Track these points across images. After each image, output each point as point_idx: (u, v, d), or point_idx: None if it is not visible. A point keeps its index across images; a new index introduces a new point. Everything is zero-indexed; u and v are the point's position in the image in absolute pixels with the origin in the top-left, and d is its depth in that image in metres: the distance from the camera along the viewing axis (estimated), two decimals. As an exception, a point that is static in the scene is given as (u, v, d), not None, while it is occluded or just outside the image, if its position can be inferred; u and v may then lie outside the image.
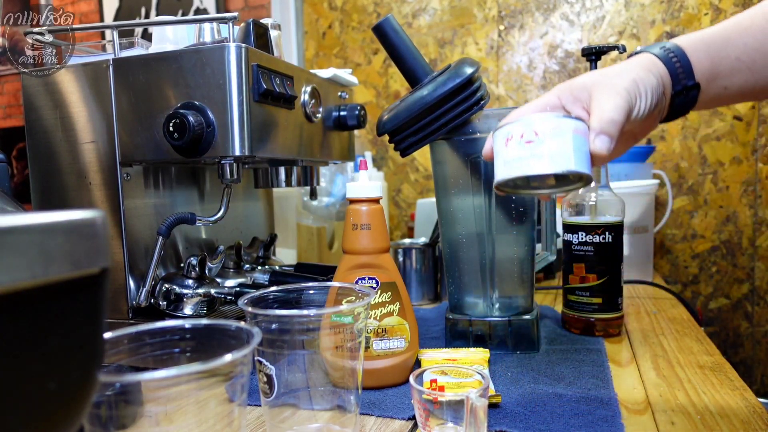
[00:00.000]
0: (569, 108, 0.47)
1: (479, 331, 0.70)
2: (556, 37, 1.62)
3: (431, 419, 0.44)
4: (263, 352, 0.43)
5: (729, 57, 0.46)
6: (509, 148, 0.44)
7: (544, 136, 0.42)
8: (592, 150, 0.43)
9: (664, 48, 0.47)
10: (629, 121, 0.44)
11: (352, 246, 0.58)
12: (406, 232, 1.74)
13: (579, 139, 0.43)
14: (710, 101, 0.49)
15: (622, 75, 0.45)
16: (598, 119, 0.43)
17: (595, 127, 0.43)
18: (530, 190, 0.50)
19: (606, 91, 0.44)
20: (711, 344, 0.71)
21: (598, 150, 0.43)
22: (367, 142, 1.84)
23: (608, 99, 0.44)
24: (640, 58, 0.48)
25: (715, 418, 0.50)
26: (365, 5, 1.83)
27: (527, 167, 0.43)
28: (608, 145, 0.43)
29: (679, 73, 0.46)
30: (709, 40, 0.47)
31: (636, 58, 0.48)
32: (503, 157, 0.45)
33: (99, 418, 0.32)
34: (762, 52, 0.46)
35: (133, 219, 0.69)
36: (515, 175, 0.44)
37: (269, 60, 0.65)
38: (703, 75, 0.47)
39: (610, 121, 0.43)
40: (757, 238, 1.48)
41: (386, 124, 0.65)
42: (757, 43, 0.46)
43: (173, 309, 0.69)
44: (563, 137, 0.42)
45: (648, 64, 0.46)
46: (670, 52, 0.47)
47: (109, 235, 0.68)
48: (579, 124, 0.43)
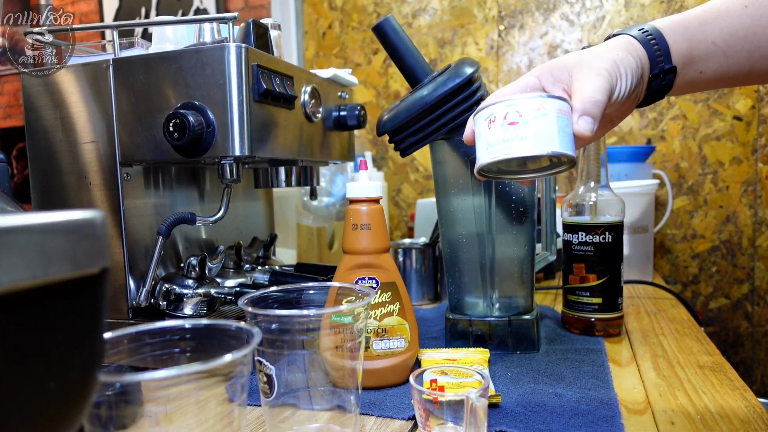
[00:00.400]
0: (549, 89, 0.46)
1: (479, 331, 0.70)
2: (556, 37, 1.62)
3: (431, 419, 0.44)
4: (263, 352, 0.43)
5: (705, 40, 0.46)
6: (492, 131, 0.43)
7: (528, 117, 0.41)
8: (575, 131, 0.42)
9: (643, 30, 0.47)
10: (610, 103, 0.43)
11: (352, 246, 0.58)
12: (406, 232, 1.74)
13: (563, 120, 0.42)
14: (685, 86, 0.48)
15: (603, 56, 0.44)
16: (581, 99, 0.42)
17: (578, 107, 0.42)
18: (513, 175, 0.49)
19: (587, 72, 0.43)
20: (711, 344, 0.71)
21: (582, 131, 0.42)
22: (367, 142, 1.84)
23: (590, 79, 0.43)
24: (618, 40, 0.47)
25: (715, 418, 0.50)
26: (365, 5, 1.83)
27: (511, 149, 0.41)
28: (592, 126, 0.42)
29: (657, 55, 0.46)
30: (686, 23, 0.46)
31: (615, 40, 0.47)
32: (486, 140, 0.43)
33: (99, 418, 0.32)
34: (737, 36, 0.45)
35: (133, 219, 0.69)
36: (499, 158, 0.42)
37: (269, 60, 0.65)
38: (680, 58, 0.46)
39: (593, 101, 0.42)
40: (757, 238, 1.48)
41: (386, 124, 0.65)
42: (731, 27, 0.45)
43: (173, 309, 0.69)
44: (547, 117, 0.41)
45: (627, 46, 0.46)
46: (648, 34, 0.46)
47: (109, 235, 0.68)
48: (562, 104, 0.42)
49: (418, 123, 0.64)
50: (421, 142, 0.66)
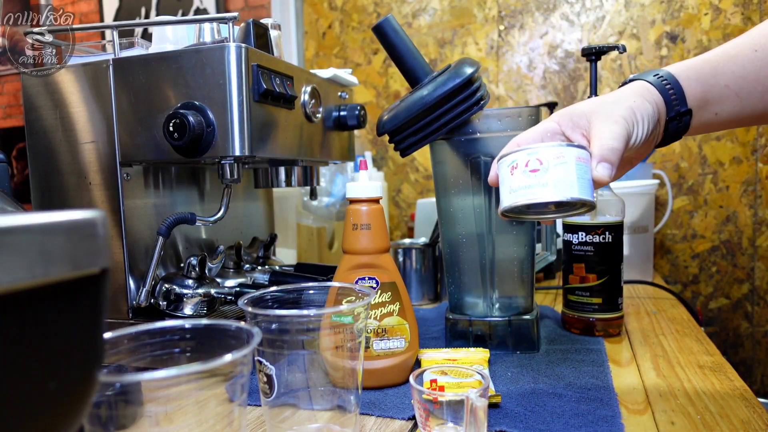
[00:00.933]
0: (569, 134, 0.48)
1: (479, 331, 0.70)
2: (556, 37, 1.62)
3: (431, 419, 0.44)
4: (263, 352, 0.43)
5: (718, 84, 0.48)
6: (515, 177, 0.45)
7: (548, 164, 0.44)
8: (594, 176, 0.44)
9: (658, 75, 0.49)
10: (627, 147, 0.45)
11: (352, 246, 0.58)
12: (406, 232, 1.74)
13: (581, 167, 0.44)
14: (702, 127, 0.50)
15: (620, 102, 0.46)
16: (599, 146, 0.44)
17: (596, 154, 0.44)
18: (535, 215, 0.51)
19: (605, 119, 0.46)
20: (711, 344, 0.71)
21: (600, 176, 0.44)
22: (367, 142, 1.84)
23: (607, 127, 0.45)
24: (635, 86, 0.49)
25: (715, 418, 0.50)
26: (365, 5, 1.83)
27: (533, 195, 0.44)
28: (610, 172, 0.44)
29: (673, 99, 0.48)
30: (699, 68, 0.49)
31: (631, 86, 0.49)
32: (509, 185, 0.46)
33: (99, 418, 0.32)
34: (748, 79, 0.47)
35: (133, 219, 0.69)
36: (521, 203, 0.45)
37: (269, 60, 0.65)
38: (695, 101, 0.48)
39: (611, 148, 0.44)
40: (757, 238, 1.48)
41: (386, 124, 0.65)
42: (743, 71, 0.47)
43: (173, 309, 0.69)
44: (567, 165, 0.43)
45: (643, 92, 0.48)
46: (663, 79, 0.48)
47: (109, 235, 0.68)
48: (581, 152, 0.44)
49: (418, 123, 0.64)
50: (421, 142, 0.66)
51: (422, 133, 0.65)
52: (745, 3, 1.43)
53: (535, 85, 1.66)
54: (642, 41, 1.54)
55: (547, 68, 1.64)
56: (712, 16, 1.46)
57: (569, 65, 1.62)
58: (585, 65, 1.57)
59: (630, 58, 1.55)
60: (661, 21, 1.51)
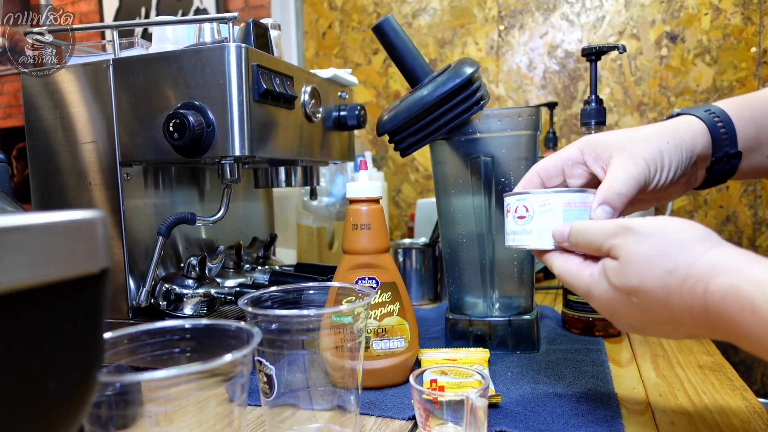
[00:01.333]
0: (590, 164, 0.46)
1: (479, 331, 0.70)
2: (556, 37, 1.62)
3: (431, 419, 0.44)
4: (263, 352, 0.43)
5: None
6: (508, 220, 0.48)
7: (533, 212, 0.45)
8: (592, 218, 0.43)
9: (710, 111, 0.45)
10: (645, 191, 0.43)
11: (352, 246, 0.58)
12: (406, 232, 1.74)
13: (573, 212, 0.44)
14: (750, 171, 0.47)
15: (650, 141, 0.43)
16: (606, 188, 0.42)
17: (600, 195, 0.42)
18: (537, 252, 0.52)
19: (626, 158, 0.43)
20: (711, 344, 0.71)
21: (598, 219, 0.42)
22: (367, 142, 1.85)
23: (623, 169, 0.42)
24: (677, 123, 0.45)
25: (715, 418, 0.50)
26: (365, 5, 1.83)
27: (519, 241, 0.46)
28: (609, 216, 0.42)
29: (724, 139, 0.44)
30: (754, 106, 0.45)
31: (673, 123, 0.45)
32: (505, 226, 0.48)
33: (99, 418, 0.32)
34: None
35: (133, 219, 0.69)
36: (513, 246, 0.47)
37: (269, 60, 0.65)
38: (748, 143, 0.45)
39: (618, 193, 0.42)
40: (757, 238, 1.48)
41: (386, 124, 0.65)
42: None
43: (173, 309, 0.69)
44: (552, 213, 0.44)
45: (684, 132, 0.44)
46: (715, 116, 0.44)
47: (109, 235, 0.68)
48: (573, 197, 0.44)
49: (418, 123, 0.64)
50: (421, 142, 0.66)
51: (422, 133, 0.65)
52: (745, 3, 1.43)
53: (535, 85, 1.66)
54: (642, 41, 1.53)
55: (547, 68, 1.64)
56: (712, 16, 1.46)
57: (569, 65, 1.62)
58: (585, 65, 1.57)
59: (630, 58, 1.55)
60: (661, 21, 1.51)
